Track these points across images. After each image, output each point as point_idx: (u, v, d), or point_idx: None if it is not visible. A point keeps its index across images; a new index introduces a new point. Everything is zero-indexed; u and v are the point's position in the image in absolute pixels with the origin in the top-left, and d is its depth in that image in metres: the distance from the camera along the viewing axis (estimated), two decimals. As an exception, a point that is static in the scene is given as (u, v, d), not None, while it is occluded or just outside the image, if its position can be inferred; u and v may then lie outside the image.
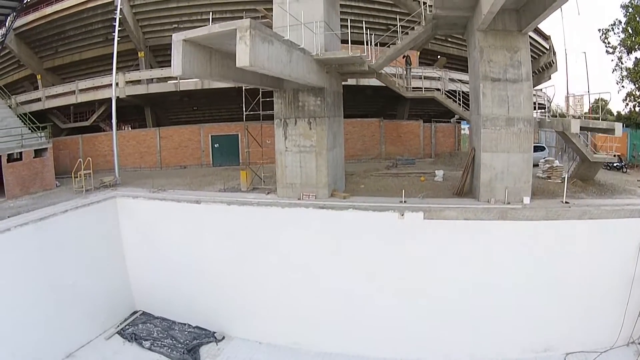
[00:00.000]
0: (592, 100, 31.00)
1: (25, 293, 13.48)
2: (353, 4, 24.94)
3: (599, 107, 39.95)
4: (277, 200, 15.82)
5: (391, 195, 16.50)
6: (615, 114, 33.84)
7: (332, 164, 16.20)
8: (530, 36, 29.62)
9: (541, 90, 33.49)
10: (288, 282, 15.39)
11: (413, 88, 17.95)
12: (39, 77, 29.08)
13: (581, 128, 14.24)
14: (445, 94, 18.08)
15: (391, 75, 18.93)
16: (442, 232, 14.05)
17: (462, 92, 18.95)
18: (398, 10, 22.03)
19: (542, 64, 31.36)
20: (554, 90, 33.57)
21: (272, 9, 16.52)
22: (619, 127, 13.98)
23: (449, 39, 27.66)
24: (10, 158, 19.46)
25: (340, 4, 23.38)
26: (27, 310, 13.41)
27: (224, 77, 12.80)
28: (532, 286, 13.52)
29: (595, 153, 17.89)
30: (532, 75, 31.83)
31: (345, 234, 14.72)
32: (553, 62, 30.71)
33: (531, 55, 29.70)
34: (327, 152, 15.68)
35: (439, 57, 29.29)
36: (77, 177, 18.97)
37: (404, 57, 18.42)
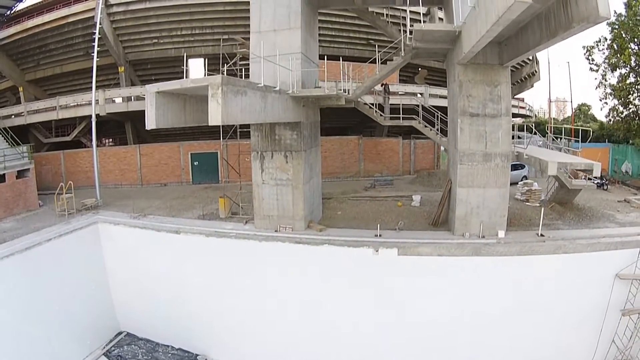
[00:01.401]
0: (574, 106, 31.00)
1: (12, 320, 13.82)
2: (333, 19, 24.59)
3: (582, 113, 39.99)
4: (254, 233, 15.94)
5: (368, 223, 16.69)
6: (598, 122, 33.96)
7: (308, 195, 16.26)
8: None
9: (523, 100, 33.46)
10: (266, 311, 15.70)
11: (391, 117, 17.87)
12: (20, 89, 28.69)
13: (559, 164, 14.22)
14: (423, 119, 17.94)
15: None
16: (417, 268, 14.23)
17: (443, 111, 18.83)
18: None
19: (525, 74, 31.22)
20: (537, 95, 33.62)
21: (249, 37, 16.33)
22: (597, 167, 13.92)
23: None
24: (-7, 180, 19.45)
25: (321, 20, 23.15)
26: (15, 336, 13.78)
27: (199, 122, 12.66)
28: (507, 318, 13.82)
29: (574, 178, 17.97)
30: (515, 85, 31.85)
31: (321, 269, 14.93)
32: (536, 72, 30.58)
33: (513, 66, 29.64)
34: (304, 185, 15.72)
35: (419, 69, 29.02)
36: (59, 200, 18.96)
37: (382, 86, 18.28)
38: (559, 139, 29.24)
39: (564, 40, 11.31)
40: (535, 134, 20.73)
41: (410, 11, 16.05)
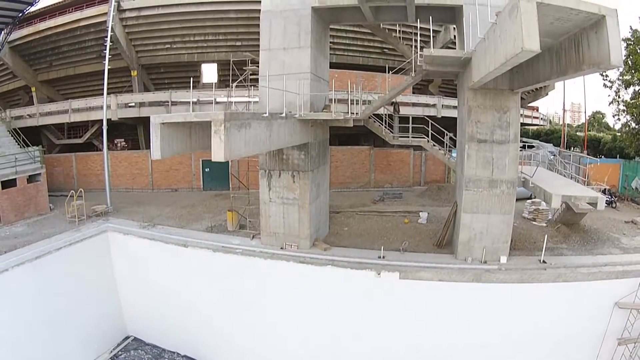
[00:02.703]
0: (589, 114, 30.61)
1: (23, 326, 14.37)
2: (348, 28, 24.37)
3: (596, 121, 39.54)
4: (260, 250, 16.21)
5: (373, 241, 16.91)
6: (612, 132, 33.58)
7: (314, 214, 16.44)
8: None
9: (537, 109, 32.98)
10: (270, 327, 16.10)
11: (400, 135, 17.83)
12: (33, 89, 28.99)
13: (563, 197, 14.17)
14: (433, 136, 17.91)
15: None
16: (418, 292, 14.37)
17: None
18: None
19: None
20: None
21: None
22: (602, 200, 13.92)
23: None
24: (5, 185, 19.87)
25: (335, 28, 23.02)
26: (25, 341, 14.33)
27: (205, 148, 12.69)
28: (505, 345, 14.04)
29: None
30: (529, 93, 31.36)
31: (324, 289, 15.16)
32: (550, 82, 30.12)
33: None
34: (310, 205, 15.89)
35: (433, 78, 28.72)
36: (70, 207, 19.40)
37: (392, 104, 18.25)
38: (571, 148, 28.90)
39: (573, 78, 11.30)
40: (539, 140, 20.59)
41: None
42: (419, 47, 15.51)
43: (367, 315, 14.85)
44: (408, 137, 17.61)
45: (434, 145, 17.70)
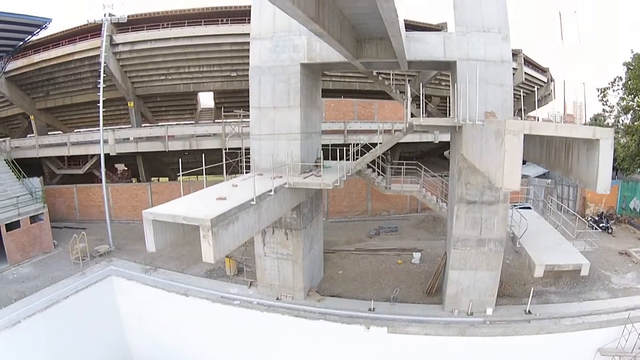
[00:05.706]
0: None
1: None
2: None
3: (598, 124, 39.38)
4: (257, 301, 16.85)
5: (366, 288, 17.58)
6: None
7: (308, 266, 16.96)
8: (526, 72, 28.56)
9: (537, 119, 32.62)
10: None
11: (393, 179, 18.04)
12: (32, 117, 29.09)
13: (547, 267, 14.39)
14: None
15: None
16: (405, 347, 15.08)
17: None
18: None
19: (540, 96, 30.34)
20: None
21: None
22: (586, 267, 14.18)
23: (442, 83, 26.68)
24: (9, 227, 20.44)
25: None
26: None
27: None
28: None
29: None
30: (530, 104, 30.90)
31: (317, 342, 15.93)
32: (550, 93, 29.74)
33: (527, 89, 28.79)
34: (303, 260, 16.39)
35: (431, 97, 28.38)
36: (74, 250, 20.09)
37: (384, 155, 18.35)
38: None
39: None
40: None
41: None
42: (409, 108, 15.51)
43: (359, 367, 15.65)
44: (400, 187, 17.78)
45: (425, 194, 17.86)
